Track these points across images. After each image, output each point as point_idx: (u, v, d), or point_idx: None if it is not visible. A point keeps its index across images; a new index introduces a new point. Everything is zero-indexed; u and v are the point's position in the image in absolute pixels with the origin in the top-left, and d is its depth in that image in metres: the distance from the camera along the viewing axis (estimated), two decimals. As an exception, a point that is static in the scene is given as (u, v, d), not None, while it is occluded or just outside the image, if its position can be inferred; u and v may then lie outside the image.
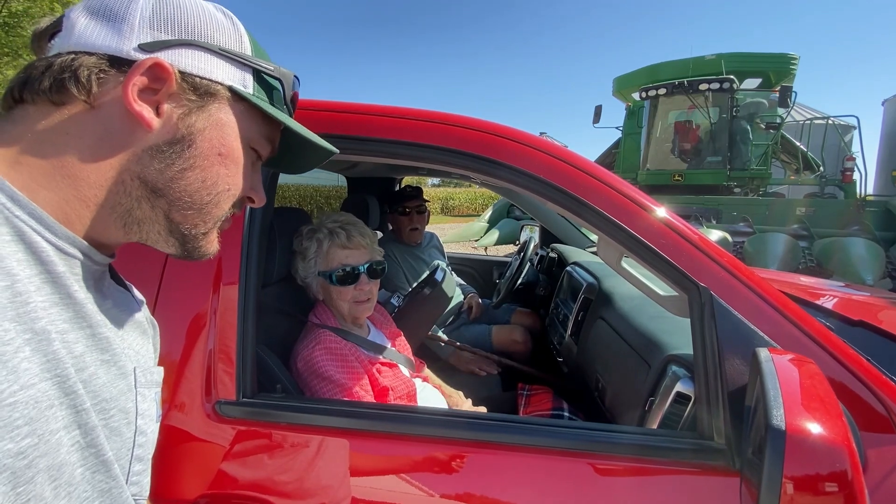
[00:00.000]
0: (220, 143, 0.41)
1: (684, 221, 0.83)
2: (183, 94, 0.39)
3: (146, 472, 0.45)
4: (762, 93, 7.33)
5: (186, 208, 0.41)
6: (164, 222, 0.41)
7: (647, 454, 0.74)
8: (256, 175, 0.48)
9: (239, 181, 0.44)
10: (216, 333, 0.79)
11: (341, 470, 0.75)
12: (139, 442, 0.43)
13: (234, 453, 0.76)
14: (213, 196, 0.42)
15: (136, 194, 0.40)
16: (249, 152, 0.45)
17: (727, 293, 0.76)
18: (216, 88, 0.41)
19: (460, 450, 0.76)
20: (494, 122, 0.88)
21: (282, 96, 0.46)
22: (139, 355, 0.46)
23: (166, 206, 0.41)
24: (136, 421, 0.43)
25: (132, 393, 0.43)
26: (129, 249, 0.83)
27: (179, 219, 0.42)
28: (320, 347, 1.01)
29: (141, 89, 0.38)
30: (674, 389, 0.84)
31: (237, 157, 0.43)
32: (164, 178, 0.40)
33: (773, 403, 0.49)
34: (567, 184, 0.82)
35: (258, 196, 0.48)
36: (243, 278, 0.81)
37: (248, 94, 0.42)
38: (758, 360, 0.61)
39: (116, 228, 0.41)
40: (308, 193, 2.67)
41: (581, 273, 1.72)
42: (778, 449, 0.47)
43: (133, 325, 0.46)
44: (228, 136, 0.42)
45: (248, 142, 0.44)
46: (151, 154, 0.39)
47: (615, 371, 1.19)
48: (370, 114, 0.87)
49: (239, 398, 0.78)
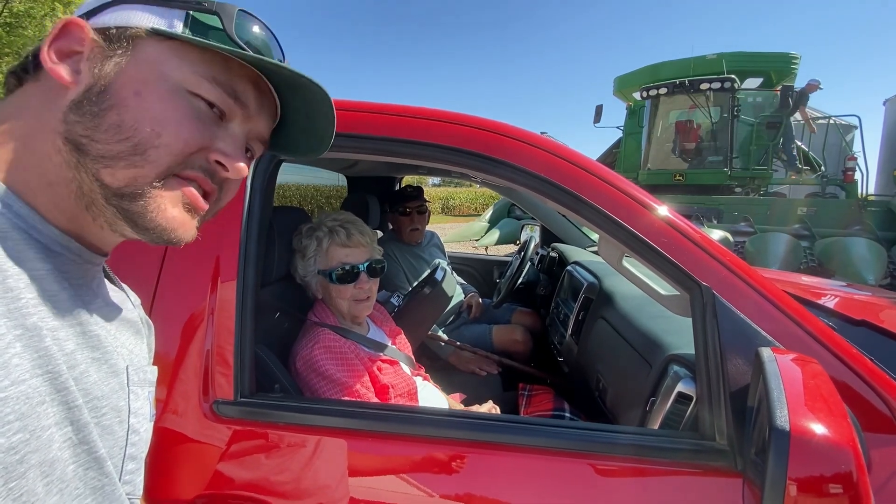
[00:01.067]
0: (137, 80, 0.37)
1: (686, 220, 0.83)
2: (98, 48, 0.37)
3: (139, 471, 0.44)
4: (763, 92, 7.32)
5: (109, 158, 0.36)
6: (100, 190, 0.37)
7: (649, 455, 0.73)
8: (224, 138, 0.41)
9: (172, 128, 0.37)
10: (214, 332, 0.79)
11: (339, 470, 0.74)
12: (132, 440, 0.42)
13: (231, 453, 0.76)
14: (136, 140, 0.36)
15: (69, 159, 0.37)
16: (188, 98, 0.38)
17: (729, 292, 0.76)
18: (132, 32, 0.38)
19: (460, 450, 0.75)
20: (494, 120, 0.87)
21: (224, 34, 0.39)
22: (132, 354, 0.45)
23: (93, 164, 0.36)
24: (128, 419, 0.42)
25: (124, 391, 0.42)
26: (127, 249, 0.83)
27: (110, 179, 0.37)
28: (320, 346, 1.01)
29: (60, 50, 0.37)
30: (675, 389, 0.84)
31: (159, 95, 0.37)
32: (84, 130, 0.36)
33: (777, 404, 0.49)
34: (568, 182, 0.82)
35: (228, 161, 0.40)
36: (241, 277, 0.80)
37: (174, 34, 0.38)
38: (761, 360, 0.60)
39: (89, 222, 0.39)
40: (309, 193, 2.66)
41: (582, 272, 1.71)
42: (782, 450, 0.46)
43: (126, 323, 0.46)
44: (144, 72, 0.37)
45: (181, 83, 0.38)
46: (72, 109, 0.37)
47: (616, 371, 1.18)
48: (369, 111, 0.87)
49: (237, 398, 0.77)
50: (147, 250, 0.81)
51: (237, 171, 0.41)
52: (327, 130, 0.48)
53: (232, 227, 0.81)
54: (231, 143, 0.41)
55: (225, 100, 0.40)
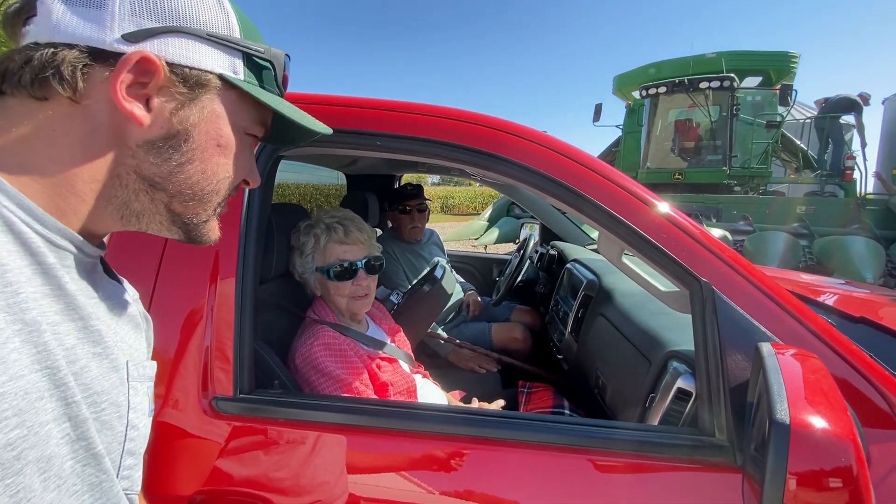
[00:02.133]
0: (217, 134, 0.41)
1: (685, 216, 0.82)
2: (172, 86, 0.38)
3: (138, 466, 0.44)
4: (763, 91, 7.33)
5: (188, 200, 0.41)
6: (165, 213, 0.41)
7: (649, 450, 0.73)
8: (251, 157, 0.48)
9: (237, 168, 0.44)
10: (213, 329, 0.78)
11: (339, 467, 0.74)
12: (131, 436, 0.42)
13: (230, 450, 0.75)
14: (213, 185, 0.42)
15: (133, 187, 0.39)
16: (245, 138, 0.45)
17: (729, 288, 0.76)
18: (207, 78, 0.39)
19: (460, 446, 0.75)
20: (494, 117, 0.87)
21: (273, 78, 0.45)
22: (132, 349, 0.45)
23: (167, 198, 0.41)
24: (127, 415, 0.42)
25: (124, 386, 0.42)
26: (126, 244, 0.83)
27: (181, 209, 0.42)
28: (318, 343, 1.00)
29: (129, 85, 0.36)
30: (675, 386, 0.84)
31: (234, 145, 0.43)
32: (162, 172, 0.39)
33: (777, 398, 0.48)
34: (567, 178, 0.81)
35: (253, 178, 0.48)
36: (240, 273, 0.80)
37: (240, 82, 0.41)
38: (760, 355, 0.60)
39: (113, 220, 0.40)
40: (308, 192, 2.66)
41: (581, 270, 1.71)
42: (782, 443, 0.46)
43: (126, 318, 0.46)
44: (224, 126, 0.41)
45: (244, 129, 0.44)
46: (146, 149, 0.38)
47: (616, 368, 1.18)
48: (366, 107, 0.87)
49: (236, 394, 0.77)
50: (146, 246, 0.81)
51: (258, 184, 0.49)
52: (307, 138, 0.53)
53: (231, 223, 0.81)
54: (253, 162, 0.48)
55: (262, 133, 0.47)
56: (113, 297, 0.45)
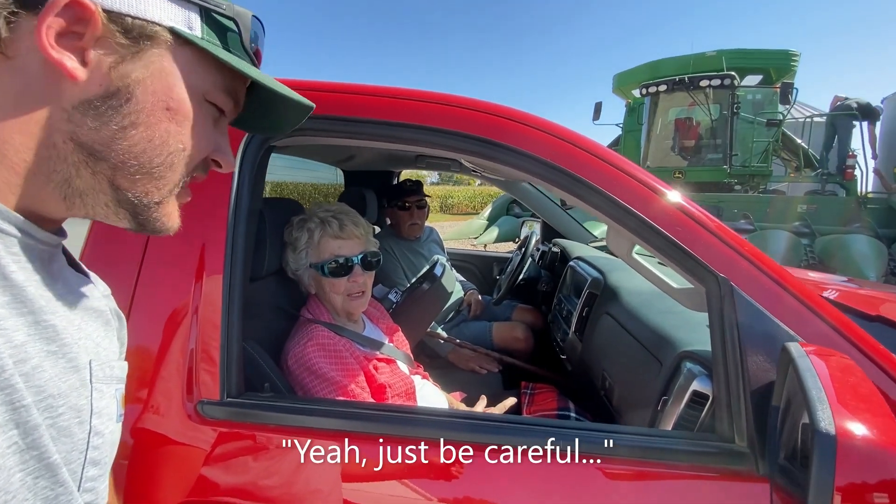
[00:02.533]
0: (166, 95, 0.35)
1: (701, 208, 0.78)
2: (112, 37, 0.33)
3: (103, 477, 0.39)
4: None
5: (134, 173, 0.35)
6: (109, 192, 0.36)
7: (663, 457, 0.69)
8: (221, 135, 0.42)
9: (195, 140, 0.38)
10: (199, 328, 0.74)
11: (333, 475, 0.69)
12: (94, 444, 0.37)
13: (216, 457, 0.71)
14: (163, 157, 0.36)
15: (72, 159, 0.34)
16: (206, 107, 0.39)
17: (749, 285, 0.71)
18: (153, 30, 0.34)
19: (462, 453, 0.70)
20: (498, 104, 0.82)
21: (239, 41, 0.39)
22: (99, 347, 0.40)
23: (109, 171, 0.35)
24: (90, 420, 0.37)
25: (86, 388, 0.37)
26: (105, 236, 0.78)
27: (127, 185, 0.36)
28: (312, 343, 0.96)
29: (59, 33, 0.31)
30: (690, 388, 0.79)
31: (187, 110, 0.37)
32: (101, 139, 0.34)
33: (818, 405, 0.44)
34: (576, 168, 0.77)
35: (224, 158, 0.42)
36: (228, 269, 0.75)
37: (195, 37, 0.36)
38: (790, 356, 0.55)
39: (57, 202, 0.35)
40: (306, 191, 2.62)
41: (585, 268, 1.67)
42: (828, 457, 0.41)
43: (92, 313, 0.41)
44: (175, 87, 0.36)
45: (203, 94, 0.38)
46: (83, 111, 0.33)
47: (624, 369, 1.13)
48: (363, 94, 0.82)
49: (223, 398, 0.72)
50: (127, 238, 0.76)
51: (229, 168, 0.43)
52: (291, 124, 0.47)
53: (218, 216, 0.76)
54: (226, 141, 0.42)
55: (230, 105, 0.41)
56: (75, 290, 0.40)
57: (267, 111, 0.46)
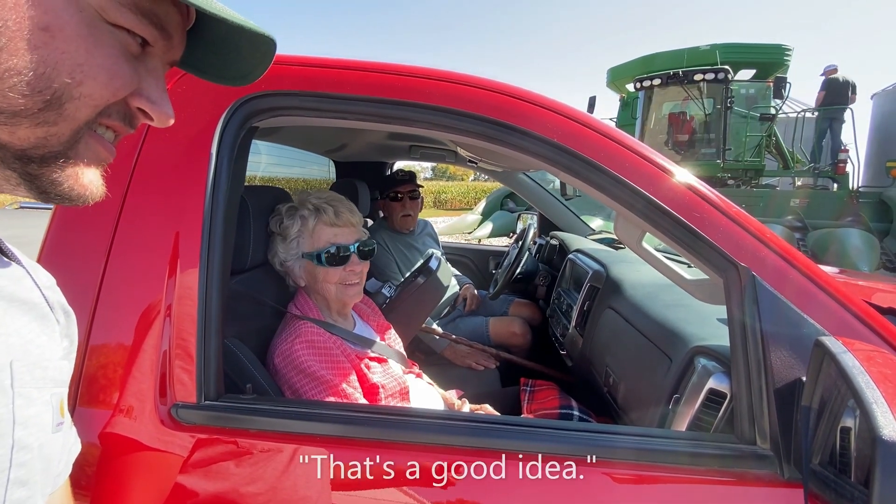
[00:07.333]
0: (40, 10, 0.27)
1: (719, 194, 0.73)
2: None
3: (32, 499, 0.33)
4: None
5: (10, 115, 0.28)
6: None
7: (678, 461, 0.64)
8: (148, 75, 0.34)
9: (93, 73, 0.30)
10: (173, 325, 0.67)
11: (320, 483, 0.63)
12: (19, 460, 0.31)
13: (193, 464, 0.64)
14: (47, 93, 0.28)
15: None
16: (111, 31, 0.30)
17: (772, 275, 0.66)
18: None
19: (459, 458, 0.64)
20: (502, 82, 0.76)
21: None
22: (27, 345, 0.34)
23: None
24: (12, 433, 0.31)
25: (5, 395, 0.31)
26: (67, 224, 0.71)
27: (8, 137, 0.29)
28: (301, 340, 0.90)
29: None
30: (705, 386, 0.74)
31: (74, 31, 0.29)
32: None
33: (876, 408, 0.39)
34: (585, 149, 0.71)
35: (152, 107, 0.34)
36: (205, 260, 0.68)
37: None
38: (827, 352, 0.50)
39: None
40: (299, 187, 2.55)
41: (585, 260, 1.62)
42: (893, 466, 0.36)
43: (18, 306, 0.34)
44: (51, 0, 0.28)
45: (100, 12, 0.30)
46: None
47: (629, 365, 1.08)
48: (357, 69, 0.75)
49: (200, 401, 0.66)
50: (94, 229, 0.69)
51: (165, 121, 0.35)
52: (250, 66, 0.39)
53: (194, 201, 0.69)
54: (156, 85, 0.34)
55: (151, 31, 0.32)
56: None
57: (224, 50, 0.38)
